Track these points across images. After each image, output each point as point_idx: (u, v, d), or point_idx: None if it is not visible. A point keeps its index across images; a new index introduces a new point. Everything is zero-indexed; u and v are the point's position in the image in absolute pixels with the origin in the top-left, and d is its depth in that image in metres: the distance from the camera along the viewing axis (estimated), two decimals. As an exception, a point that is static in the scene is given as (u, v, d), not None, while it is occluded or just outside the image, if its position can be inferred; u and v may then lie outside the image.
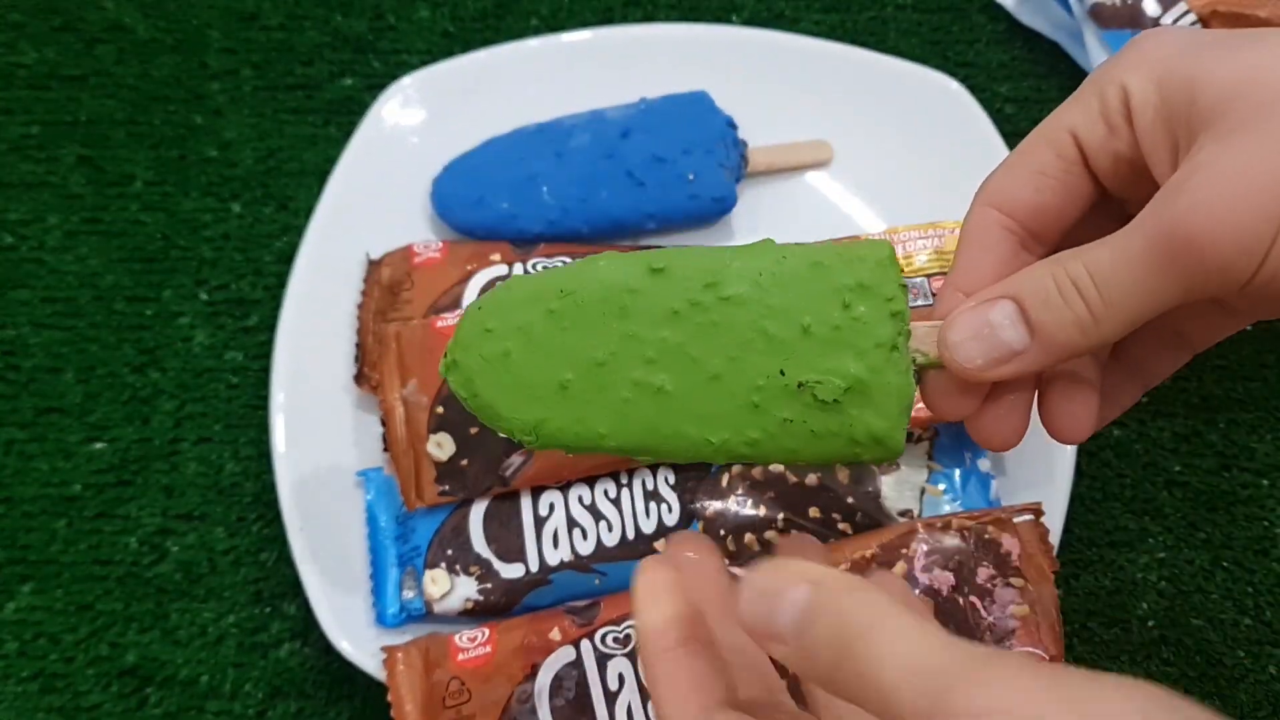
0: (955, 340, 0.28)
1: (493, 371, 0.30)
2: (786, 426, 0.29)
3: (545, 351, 0.30)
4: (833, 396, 0.29)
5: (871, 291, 0.29)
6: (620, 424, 0.30)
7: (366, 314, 0.47)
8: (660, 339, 0.29)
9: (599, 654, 0.39)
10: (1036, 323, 0.27)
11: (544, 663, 0.39)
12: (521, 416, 0.30)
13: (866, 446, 0.29)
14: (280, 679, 0.44)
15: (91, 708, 0.44)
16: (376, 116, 0.50)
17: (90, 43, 0.55)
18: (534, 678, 0.38)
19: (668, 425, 0.30)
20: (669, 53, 0.52)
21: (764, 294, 0.29)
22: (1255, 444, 0.47)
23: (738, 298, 0.29)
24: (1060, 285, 0.27)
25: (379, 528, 0.43)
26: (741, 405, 0.29)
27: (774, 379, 0.29)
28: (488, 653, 0.39)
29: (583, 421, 0.30)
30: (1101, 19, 0.51)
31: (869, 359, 0.29)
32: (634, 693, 0.38)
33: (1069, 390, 0.30)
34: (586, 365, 0.30)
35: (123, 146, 0.53)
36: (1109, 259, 0.26)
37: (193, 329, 0.50)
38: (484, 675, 0.39)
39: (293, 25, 0.56)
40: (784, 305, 0.29)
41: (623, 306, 0.29)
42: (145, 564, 0.46)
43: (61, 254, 0.51)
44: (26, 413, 0.48)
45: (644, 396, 0.30)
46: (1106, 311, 0.26)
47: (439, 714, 0.38)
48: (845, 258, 0.29)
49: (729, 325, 0.29)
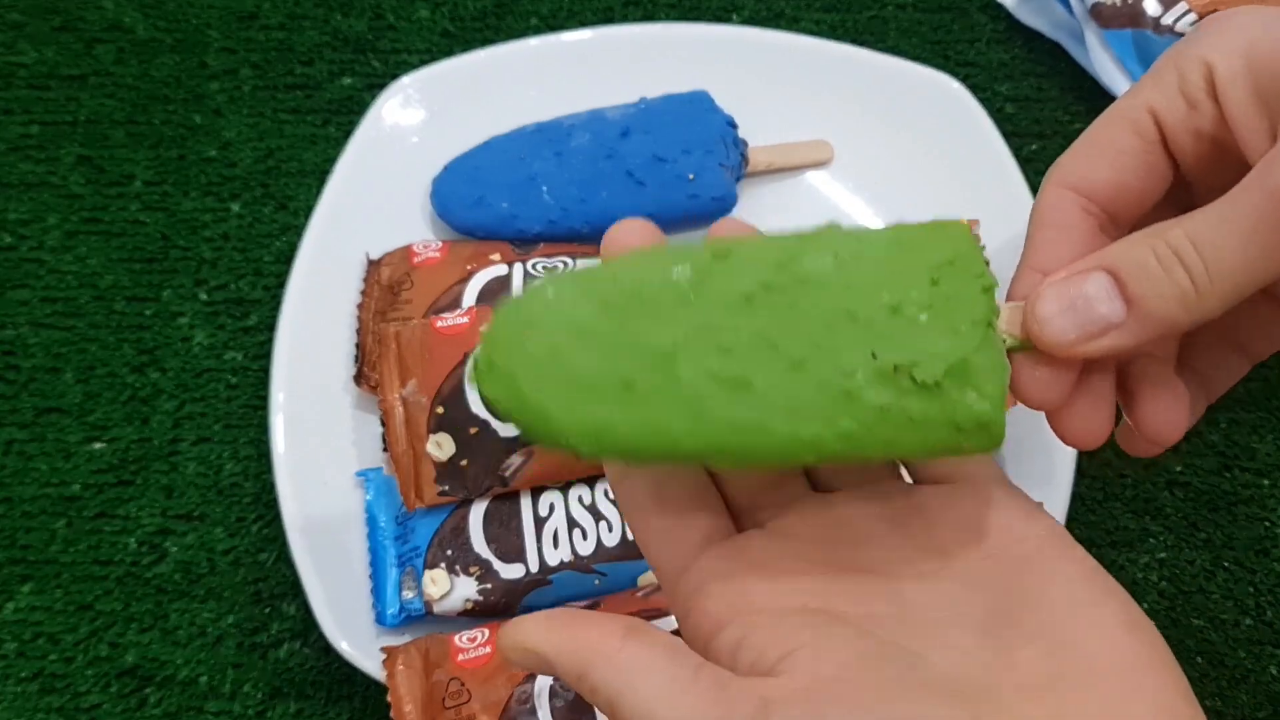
0: (1046, 314, 0.26)
1: (541, 370, 0.26)
2: (883, 415, 0.26)
3: (604, 345, 0.26)
4: (934, 378, 0.25)
5: (960, 267, 0.26)
6: (697, 424, 0.26)
7: (366, 314, 0.47)
8: (734, 325, 0.26)
9: None
10: (1134, 295, 0.25)
11: None
12: (581, 419, 0.26)
13: (970, 433, 0.26)
14: (280, 679, 0.44)
15: (91, 708, 0.44)
16: (376, 116, 0.50)
17: (90, 42, 0.55)
18: (534, 678, 0.38)
19: (751, 421, 0.26)
20: (669, 52, 0.52)
21: (845, 272, 0.26)
22: (1256, 444, 0.47)
23: (817, 277, 0.26)
24: (1160, 255, 0.25)
25: (378, 528, 0.43)
26: (832, 394, 0.26)
27: (866, 363, 0.25)
28: (488, 653, 0.39)
29: (653, 423, 0.26)
30: (1102, 18, 0.51)
31: (966, 337, 0.26)
32: None
33: (1159, 388, 0.28)
34: (653, 359, 0.26)
35: (122, 146, 0.53)
36: (1214, 226, 0.25)
37: (192, 329, 0.50)
38: (484, 676, 0.39)
39: (292, 25, 0.56)
40: (868, 283, 0.26)
41: (686, 294, 0.26)
42: (145, 564, 0.46)
43: (61, 254, 0.51)
44: (26, 413, 0.48)
45: (722, 390, 0.26)
46: (1211, 282, 0.25)
47: (439, 714, 0.38)
48: (927, 234, 0.27)
49: (809, 307, 0.26)
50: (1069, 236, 0.28)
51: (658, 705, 0.23)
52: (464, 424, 0.42)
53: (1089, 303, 0.26)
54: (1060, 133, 0.54)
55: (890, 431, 0.26)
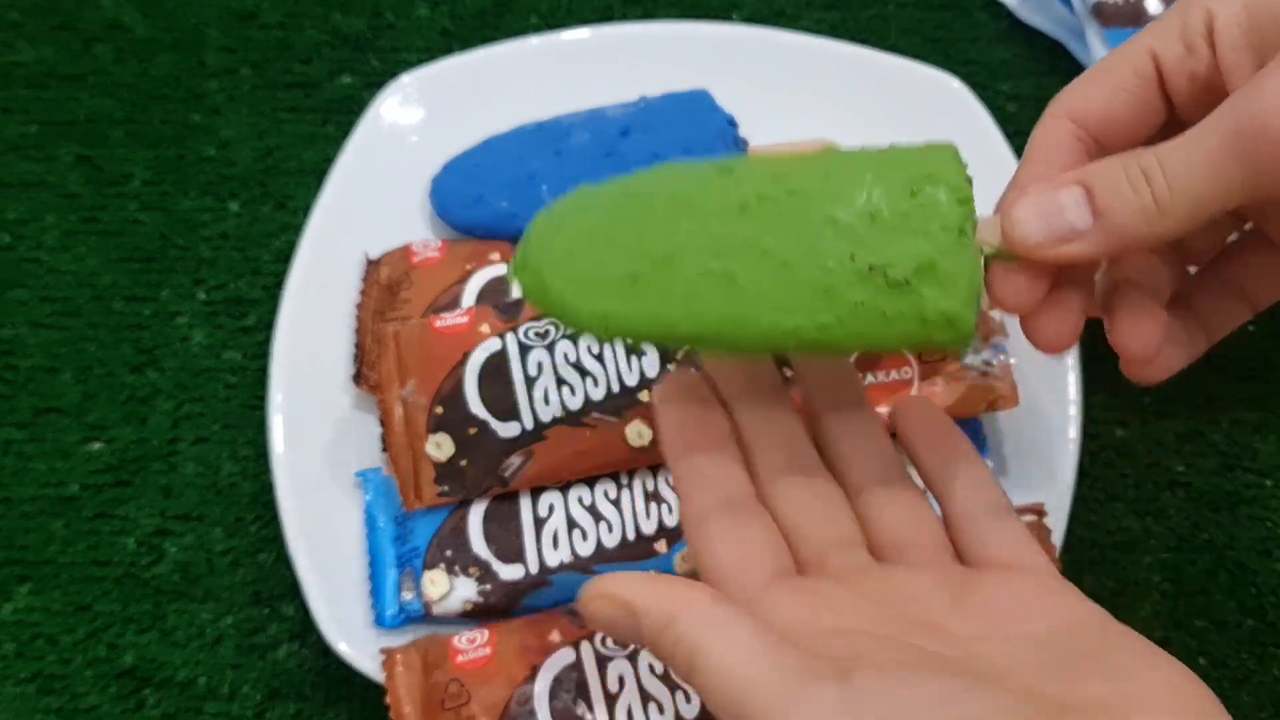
0: (1019, 216, 0.29)
1: (561, 268, 0.31)
2: (858, 309, 0.29)
3: (615, 246, 0.30)
4: (903, 277, 0.29)
5: (939, 180, 0.29)
6: (691, 313, 0.30)
7: (365, 314, 0.47)
8: (729, 231, 0.30)
9: (599, 656, 0.39)
10: (1102, 206, 0.28)
11: (544, 664, 0.39)
12: (591, 307, 0.30)
13: (938, 326, 0.29)
14: (278, 680, 0.44)
15: (89, 709, 0.44)
16: (375, 115, 0.50)
17: (88, 42, 0.55)
18: (534, 679, 0.38)
19: (740, 313, 0.30)
20: (669, 51, 0.52)
21: (832, 184, 0.30)
22: (1259, 444, 0.47)
23: (805, 190, 0.30)
24: (1130, 174, 0.28)
25: (377, 529, 0.43)
26: (813, 290, 0.29)
27: (844, 264, 0.29)
28: (487, 654, 0.39)
29: (653, 311, 0.30)
30: (1104, 17, 0.51)
31: (938, 241, 0.29)
32: (634, 695, 0.38)
33: (1137, 308, 0.30)
34: (656, 258, 0.30)
35: (121, 146, 0.53)
36: (1181, 150, 0.27)
37: (191, 328, 0.50)
38: (483, 677, 0.39)
39: (291, 24, 0.56)
40: (852, 194, 0.29)
41: (690, 203, 0.30)
42: (143, 565, 0.46)
43: (59, 253, 0.51)
44: (24, 412, 0.48)
45: (715, 285, 0.30)
46: (1173, 201, 0.27)
47: (438, 715, 0.38)
48: (913, 153, 0.30)
49: (798, 215, 0.29)
50: (1058, 159, 0.30)
51: (743, 657, 0.24)
52: (463, 424, 0.42)
53: (1060, 210, 0.28)
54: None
55: (864, 325, 0.29)
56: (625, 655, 0.38)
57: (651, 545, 0.42)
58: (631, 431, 0.42)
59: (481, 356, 0.43)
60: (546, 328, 0.43)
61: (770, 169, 0.30)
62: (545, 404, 0.42)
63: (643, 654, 0.38)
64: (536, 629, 0.39)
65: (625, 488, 0.43)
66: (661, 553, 0.42)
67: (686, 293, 0.30)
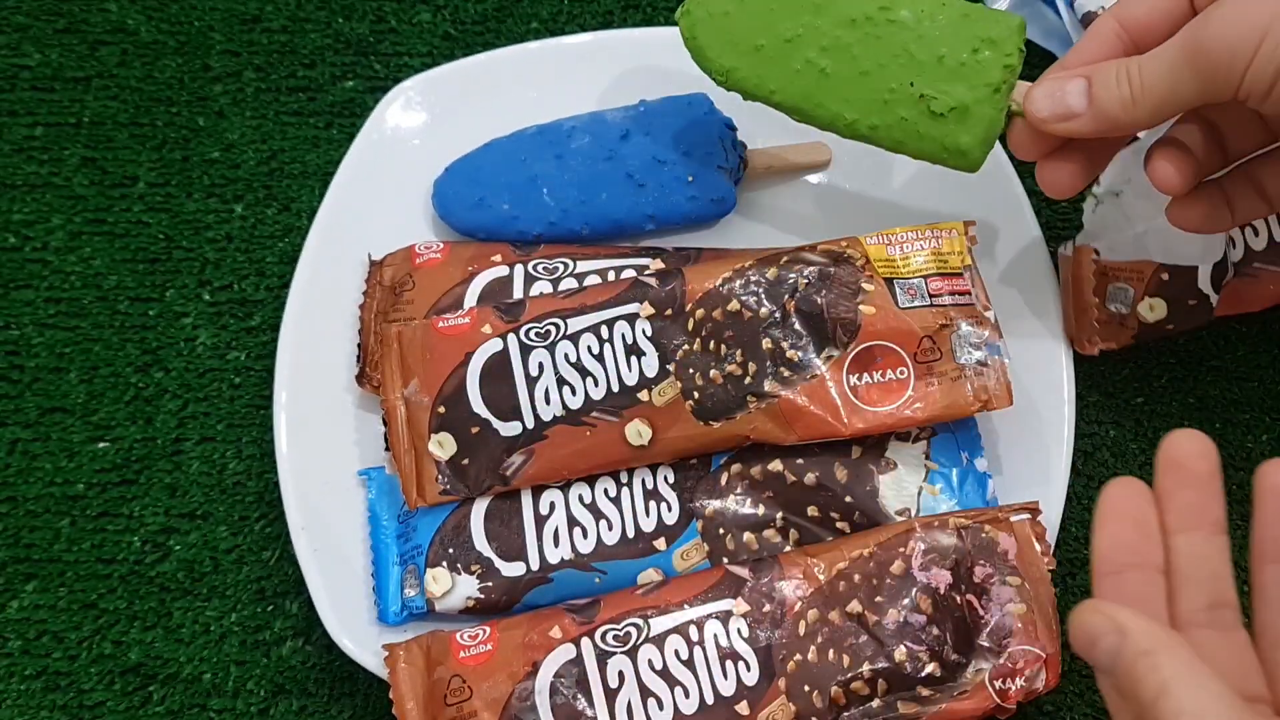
0: (1035, 94, 0.38)
1: (712, 24, 0.42)
2: (902, 123, 0.40)
3: (752, 21, 0.41)
4: (943, 110, 0.39)
5: (997, 46, 0.39)
6: (786, 86, 0.41)
7: (368, 314, 0.47)
8: (835, 35, 0.40)
9: (599, 652, 0.39)
10: (1094, 95, 0.37)
11: (544, 660, 0.39)
12: (721, 62, 0.42)
13: (954, 154, 0.40)
14: (283, 677, 0.44)
15: (95, 705, 0.44)
16: (378, 119, 0.51)
17: (94, 45, 0.56)
18: (535, 675, 0.39)
19: (819, 97, 0.41)
20: (668, 55, 0.52)
21: (920, 25, 0.40)
22: (1251, 444, 0.48)
23: (900, 22, 0.40)
24: (1118, 74, 0.37)
25: (381, 526, 0.44)
26: (876, 98, 0.40)
27: (904, 87, 0.40)
28: (489, 650, 0.39)
29: (761, 78, 0.42)
30: None
31: (977, 92, 0.39)
32: (634, 691, 0.38)
33: (1169, 149, 0.39)
34: (779, 39, 0.41)
35: (126, 148, 0.54)
36: (1152, 59, 0.36)
37: (196, 329, 0.50)
38: (485, 672, 0.39)
39: (295, 28, 0.56)
40: (931, 36, 0.40)
41: (818, 5, 0.41)
42: (148, 562, 0.46)
43: (65, 255, 0.52)
44: (30, 412, 0.49)
45: (811, 72, 0.41)
46: (1144, 95, 0.36)
47: (440, 711, 0.39)
48: (988, 18, 0.40)
49: (887, 40, 0.40)
50: (1100, 49, 0.39)
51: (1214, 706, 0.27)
52: (465, 423, 0.43)
53: (1065, 94, 0.38)
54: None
55: (902, 135, 0.41)
56: (624, 651, 0.39)
57: (651, 543, 0.42)
58: (631, 431, 0.42)
59: (483, 357, 0.43)
60: (547, 328, 0.43)
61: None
62: (546, 403, 0.43)
63: (642, 649, 0.39)
64: (538, 625, 0.40)
65: (625, 486, 0.43)
66: (661, 550, 0.42)
67: (789, 71, 0.41)
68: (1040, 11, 0.54)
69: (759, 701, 0.38)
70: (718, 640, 0.39)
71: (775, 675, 0.38)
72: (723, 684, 0.38)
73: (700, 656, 0.39)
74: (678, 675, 0.39)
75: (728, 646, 0.39)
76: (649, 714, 0.38)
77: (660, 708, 0.38)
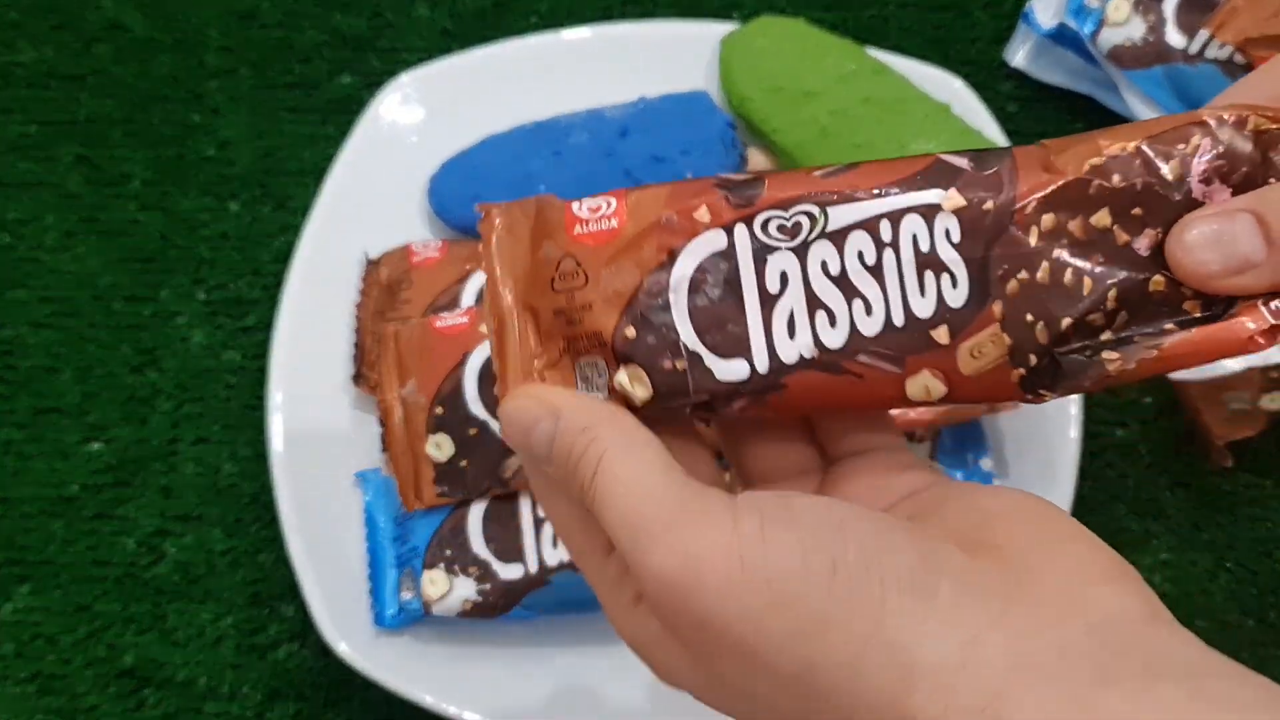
0: (1190, 242, 0.27)
1: (749, 55, 0.49)
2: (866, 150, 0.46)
3: (784, 65, 0.48)
4: None
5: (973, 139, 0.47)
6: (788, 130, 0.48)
7: (365, 314, 0.47)
8: (848, 104, 0.47)
9: (758, 245, 0.28)
10: (1276, 237, 0.26)
11: (685, 247, 0.28)
12: (741, 89, 0.49)
13: None
14: (278, 680, 0.44)
15: (89, 709, 0.44)
16: (374, 115, 0.50)
17: (88, 42, 0.55)
18: (671, 266, 0.28)
19: (811, 149, 0.47)
20: (668, 51, 0.52)
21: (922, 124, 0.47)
22: (1258, 445, 0.47)
23: (908, 114, 0.47)
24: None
25: (377, 529, 0.43)
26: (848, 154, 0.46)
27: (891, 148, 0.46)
28: (613, 227, 0.29)
29: (769, 115, 0.48)
30: (1122, 61, 0.50)
31: None
32: (799, 299, 0.28)
33: None
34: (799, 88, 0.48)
35: (120, 146, 0.53)
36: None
37: (190, 329, 0.50)
38: (606, 255, 0.29)
39: (291, 24, 0.56)
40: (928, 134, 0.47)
41: (844, 76, 0.48)
42: (143, 565, 0.46)
43: (59, 253, 0.51)
44: (24, 413, 0.48)
45: (813, 126, 0.48)
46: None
47: (543, 296, 0.29)
48: (982, 145, 0.44)
49: (887, 125, 0.47)
50: None
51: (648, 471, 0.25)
52: (463, 425, 0.42)
53: (1234, 240, 0.26)
54: (1062, 132, 0.53)
55: None
56: (792, 247, 0.28)
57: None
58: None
59: (481, 357, 0.43)
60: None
61: (893, 88, 0.47)
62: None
63: (815, 247, 0.28)
64: (680, 200, 0.29)
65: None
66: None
67: (796, 119, 0.46)
68: (1061, 56, 0.53)
69: (964, 328, 0.27)
70: (917, 243, 0.28)
71: (990, 296, 0.27)
72: (918, 301, 0.28)
73: (892, 262, 0.28)
74: (859, 284, 0.28)
75: (930, 252, 0.28)
76: (816, 331, 0.28)
77: (832, 324, 0.28)
